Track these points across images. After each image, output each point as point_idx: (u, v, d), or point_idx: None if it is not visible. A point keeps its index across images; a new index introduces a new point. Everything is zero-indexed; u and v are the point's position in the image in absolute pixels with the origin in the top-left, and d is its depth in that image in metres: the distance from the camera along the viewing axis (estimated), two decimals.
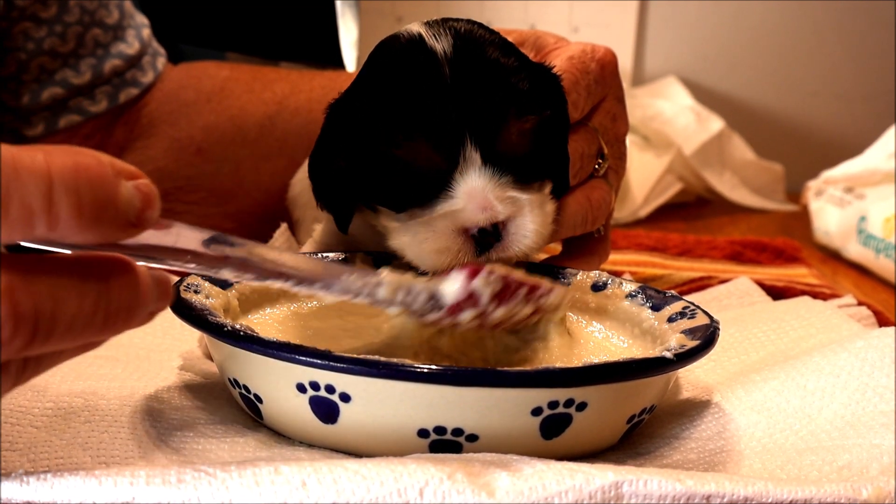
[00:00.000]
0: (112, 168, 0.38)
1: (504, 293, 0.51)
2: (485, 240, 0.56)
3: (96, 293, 0.38)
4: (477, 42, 0.57)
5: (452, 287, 0.50)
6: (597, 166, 0.69)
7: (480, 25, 0.59)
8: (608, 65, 0.69)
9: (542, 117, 0.58)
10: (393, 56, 0.58)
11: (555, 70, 0.63)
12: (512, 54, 0.58)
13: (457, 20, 0.59)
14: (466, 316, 0.50)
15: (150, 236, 0.40)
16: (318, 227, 0.70)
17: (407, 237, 0.57)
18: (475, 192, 0.55)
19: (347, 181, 0.60)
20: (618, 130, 0.71)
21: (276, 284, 0.46)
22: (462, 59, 0.56)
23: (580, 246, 0.69)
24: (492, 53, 0.57)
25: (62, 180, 0.36)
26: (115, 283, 0.39)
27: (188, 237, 0.41)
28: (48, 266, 0.37)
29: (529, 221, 0.57)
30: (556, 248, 0.70)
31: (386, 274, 0.49)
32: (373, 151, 0.57)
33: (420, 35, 0.57)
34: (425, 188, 0.56)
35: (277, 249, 0.45)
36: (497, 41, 0.58)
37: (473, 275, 0.50)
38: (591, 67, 0.68)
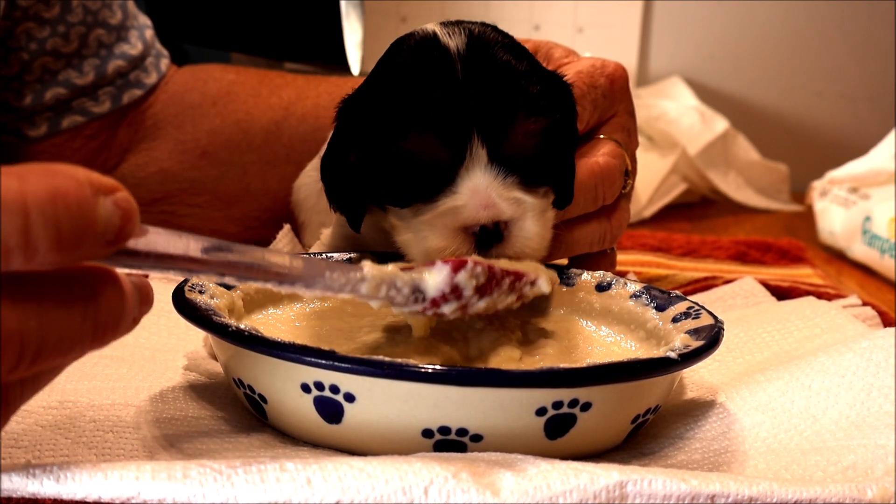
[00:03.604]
0: (90, 187, 0.35)
1: (488, 285, 0.50)
2: (486, 239, 0.56)
3: (83, 308, 0.37)
4: (490, 42, 0.57)
5: (436, 280, 0.48)
6: (624, 187, 0.68)
7: (495, 28, 0.59)
8: (618, 80, 0.69)
9: (550, 121, 0.58)
10: (406, 52, 0.58)
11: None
12: (525, 58, 0.58)
13: (471, 22, 0.59)
14: (448, 308, 0.49)
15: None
16: (326, 231, 0.70)
17: (409, 234, 0.58)
18: (479, 189, 0.55)
19: (357, 177, 0.60)
20: (632, 146, 0.71)
21: (257, 283, 0.44)
22: (475, 57, 0.56)
23: (587, 259, 0.69)
24: (504, 55, 0.57)
25: (40, 211, 0.34)
26: (100, 295, 0.38)
27: (166, 242, 0.39)
28: (32, 285, 0.36)
29: (532, 224, 0.56)
30: (563, 261, 0.70)
31: (369, 269, 0.47)
32: (382, 143, 0.57)
33: (434, 33, 0.58)
34: (430, 183, 0.56)
35: (258, 248, 0.44)
36: (510, 44, 0.59)
37: (458, 268, 0.48)
38: (600, 82, 0.68)
